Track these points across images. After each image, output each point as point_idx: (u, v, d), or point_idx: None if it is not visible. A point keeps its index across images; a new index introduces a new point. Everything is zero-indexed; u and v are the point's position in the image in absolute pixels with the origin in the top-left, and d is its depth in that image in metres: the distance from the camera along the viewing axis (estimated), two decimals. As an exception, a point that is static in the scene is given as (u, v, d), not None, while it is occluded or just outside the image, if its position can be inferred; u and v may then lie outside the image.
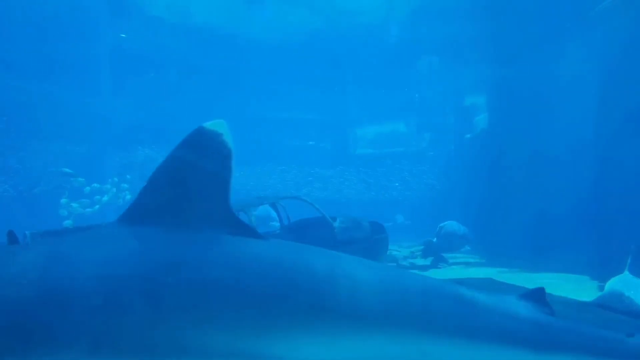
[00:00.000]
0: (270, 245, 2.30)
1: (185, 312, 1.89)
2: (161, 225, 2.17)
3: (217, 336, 1.89)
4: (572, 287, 10.10)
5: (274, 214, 13.76)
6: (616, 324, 6.40)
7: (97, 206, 21.35)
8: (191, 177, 2.27)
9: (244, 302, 1.97)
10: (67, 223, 19.18)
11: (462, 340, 2.09)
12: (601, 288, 8.41)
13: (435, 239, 15.57)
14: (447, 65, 24.59)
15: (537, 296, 2.45)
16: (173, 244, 2.11)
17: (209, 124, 2.32)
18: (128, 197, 23.26)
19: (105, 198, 22.17)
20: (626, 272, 7.51)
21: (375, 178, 36.07)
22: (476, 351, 2.09)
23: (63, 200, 20.63)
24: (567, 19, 15.14)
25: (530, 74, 16.67)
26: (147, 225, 2.17)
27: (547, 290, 8.98)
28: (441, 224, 15.82)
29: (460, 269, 14.17)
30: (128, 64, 24.45)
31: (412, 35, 21.80)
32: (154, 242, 2.11)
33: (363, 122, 35.80)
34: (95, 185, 21.90)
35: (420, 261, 15.37)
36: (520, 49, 17.24)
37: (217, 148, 2.29)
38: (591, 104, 12.91)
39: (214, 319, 1.91)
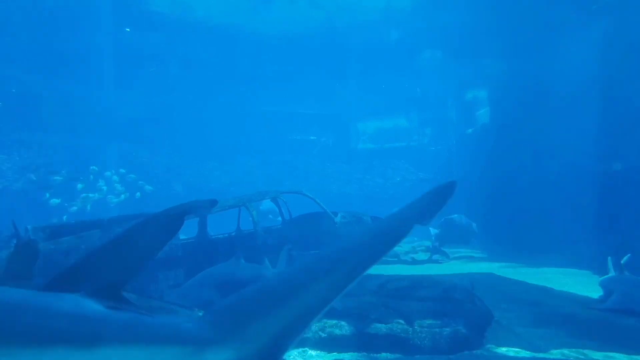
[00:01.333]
0: None
1: None
2: None
3: None
4: (574, 282, 10.10)
5: (275, 208, 13.73)
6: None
7: (88, 205, 21.57)
8: None
9: None
10: (62, 218, 19.36)
11: None
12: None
13: (437, 230, 15.47)
14: (449, 59, 24.47)
15: (110, 292, 2.21)
16: None
17: None
18: (123, 196, 23.33)
19: (95, 195, 22.32)
20: (625, 272, 7.47)
21: (374, 173, 35.89)
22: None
23: (46, 195, 20.94)
24: (569, 13, 15.06)
25: (532, 68, 16.60)
26: None
27: (548, 285, 8.82)
28: (448, 217, 15.62)
29: (461, 264, 14.14)
30: (131, 57, 24.42)
31: (414, 30, 21.70)
32: None
33: (365, 116, 35.65)
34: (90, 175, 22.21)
35: (421, 256, 15.30)
36: (522, 43, 17.16)
37: None
38: (593, 98, 12.87)
39: None
